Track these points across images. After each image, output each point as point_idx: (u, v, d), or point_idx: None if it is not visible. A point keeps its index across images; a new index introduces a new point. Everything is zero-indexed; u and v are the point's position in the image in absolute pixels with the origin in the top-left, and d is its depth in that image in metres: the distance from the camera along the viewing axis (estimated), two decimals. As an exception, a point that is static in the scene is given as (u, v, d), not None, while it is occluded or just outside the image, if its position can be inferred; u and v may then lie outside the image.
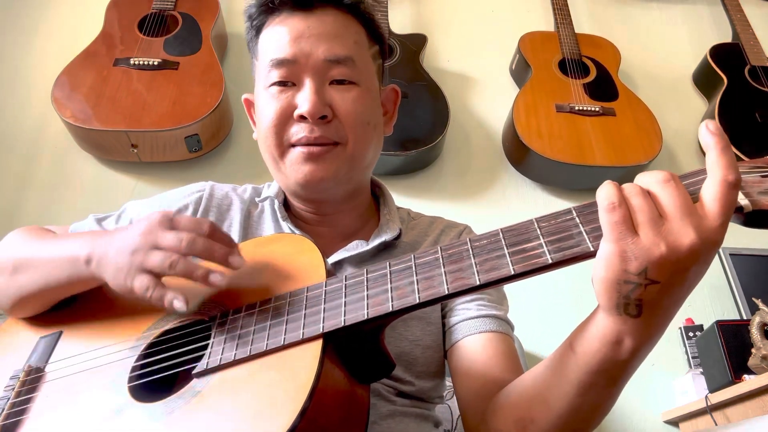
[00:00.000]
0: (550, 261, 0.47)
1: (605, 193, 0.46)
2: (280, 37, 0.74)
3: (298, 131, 0.73)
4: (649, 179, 0.46)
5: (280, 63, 0.73)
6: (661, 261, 0.43)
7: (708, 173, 0.45)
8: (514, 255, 0.49)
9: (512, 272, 0.48)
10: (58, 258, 0.66)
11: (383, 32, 0.83)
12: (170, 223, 0.60)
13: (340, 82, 0.75)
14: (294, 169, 0.75)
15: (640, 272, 0.44)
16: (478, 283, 0.49)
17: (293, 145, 0.74)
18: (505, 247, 0.50)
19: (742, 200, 0.45)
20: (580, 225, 0.48)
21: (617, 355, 0.48)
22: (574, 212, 0.49)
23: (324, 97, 0.73)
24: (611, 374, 0.50)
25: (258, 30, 0.78)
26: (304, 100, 0.72)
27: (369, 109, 0.78)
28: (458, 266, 0.51)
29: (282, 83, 0.74)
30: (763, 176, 0.47)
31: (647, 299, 0.45)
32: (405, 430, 0.72)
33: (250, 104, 0.86)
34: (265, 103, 0.75)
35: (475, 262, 0.50)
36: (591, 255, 0.47)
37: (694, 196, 0.46)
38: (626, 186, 0.46)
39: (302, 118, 0.73)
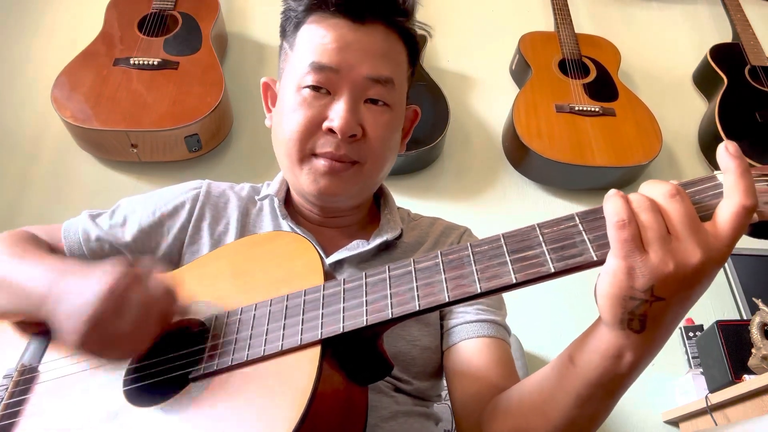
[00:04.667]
0: (553, 270, 0.47)
1: (614, 208, 0.45)
2: (326, 41, 0.71)
3: (324, 144, 0.72)
4: (656, 192, 0.46)
5: (320, 68, 0.71)
6: (668, 279, 0.43)
7: (725, 195, 0.44)
8: (516, 263, 0.48)
9: (513, 281, 0.48)
10: (26, 288, 0.63)
11: (419, 55, 0.82)
12: (122, 301, 0.54)
13: (374, 101, 0.73)
14: (311, 179, 0.74)
15: (647, 289, 0.44)
16: (479, 291, 0.49)
17: (315, 155, 0.73)
18: (506, 254, 0.49)
19: None
20: (584, 233, 0.47)
21: (617, 369, 0.48)
22: (577, 219, 0.49)
23: (358, 115, 0.72)
24: (609, 387, 0.50)
25: (300, 21, 0.75)
26: (338, 115, 0.70)
27: (395, 134, 0.78)
28: (459, 273, 0.50)
29: (317, 88, 0.72)
30: None
31: (652, 315, 0.45)
32: (408, 431, 0.72)
33: (268, 87, 0.84)
34: (295, 104, 0.73)
35: (476, 269, 0.50)
36: (594, 264, 0.47)
37: (697, 206, 0.46)
38: (634, 199, 0.45)
39: (331, 131, 0.71)
